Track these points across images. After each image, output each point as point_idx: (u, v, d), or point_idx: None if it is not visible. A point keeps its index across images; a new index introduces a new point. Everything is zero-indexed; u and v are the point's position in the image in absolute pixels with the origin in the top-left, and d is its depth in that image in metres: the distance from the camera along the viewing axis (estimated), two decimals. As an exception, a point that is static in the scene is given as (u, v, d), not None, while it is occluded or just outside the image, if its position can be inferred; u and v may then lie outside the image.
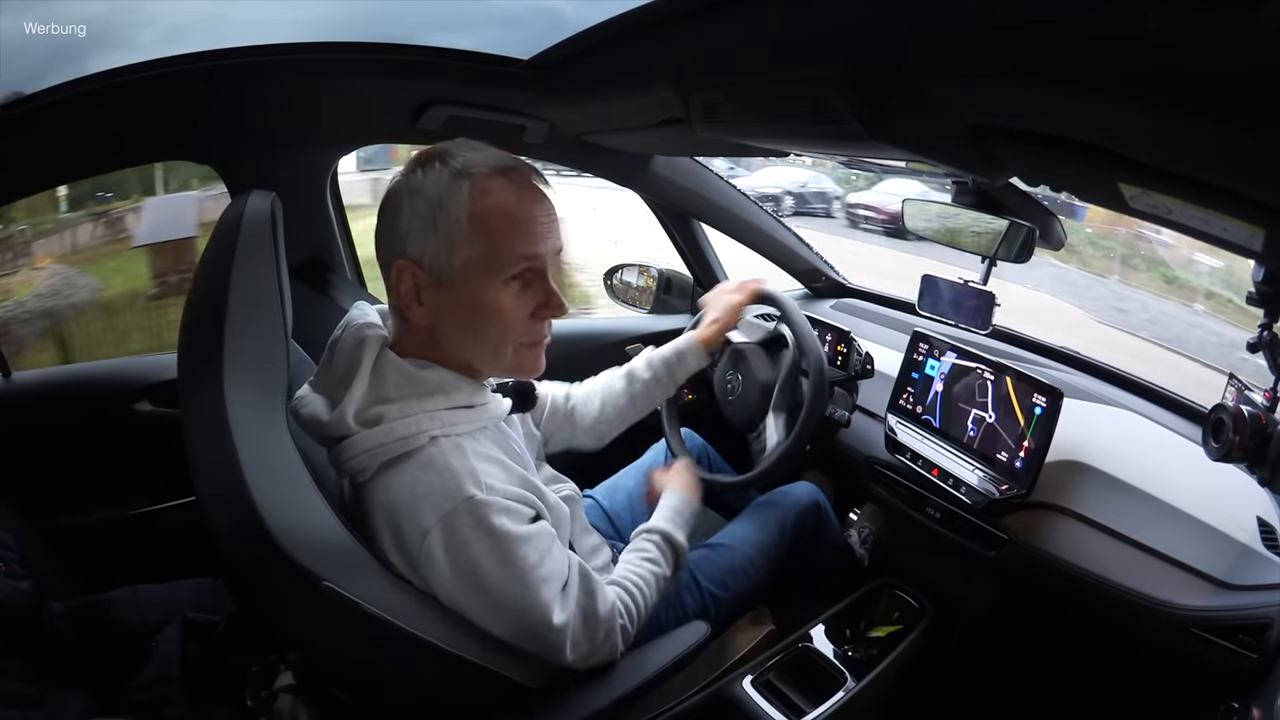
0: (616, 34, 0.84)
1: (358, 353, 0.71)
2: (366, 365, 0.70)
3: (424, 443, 0.68)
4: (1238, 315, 7.59)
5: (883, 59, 0.57)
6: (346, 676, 0.79)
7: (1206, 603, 0.87)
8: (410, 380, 0.70)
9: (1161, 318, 7.30)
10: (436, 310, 0.70)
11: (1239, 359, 1.72)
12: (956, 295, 1.17)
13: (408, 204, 0.68)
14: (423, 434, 0.68)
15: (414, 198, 0.68)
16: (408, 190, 0.69)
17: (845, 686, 1.05)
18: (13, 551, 1.03)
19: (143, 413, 1.26)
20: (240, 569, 0.68)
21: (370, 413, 0.69)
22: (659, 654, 0.84)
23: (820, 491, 1.25)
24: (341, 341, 0.74)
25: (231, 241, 0.69)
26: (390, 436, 0.68)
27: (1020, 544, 1.04)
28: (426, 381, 0.71)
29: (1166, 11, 0.34)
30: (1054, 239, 1.05)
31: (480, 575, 0.68)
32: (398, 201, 0.69)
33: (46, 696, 0.93)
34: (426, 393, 0.70)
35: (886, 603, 1.24)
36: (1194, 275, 7.62)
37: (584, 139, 1.26)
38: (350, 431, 0.68)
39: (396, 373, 0.71)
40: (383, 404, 0.69)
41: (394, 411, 0.68)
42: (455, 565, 0.67)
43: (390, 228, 0.70)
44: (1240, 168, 0.42)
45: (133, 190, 3.18)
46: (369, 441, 0.68)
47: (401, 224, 0.69)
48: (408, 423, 0.68)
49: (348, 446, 0.69)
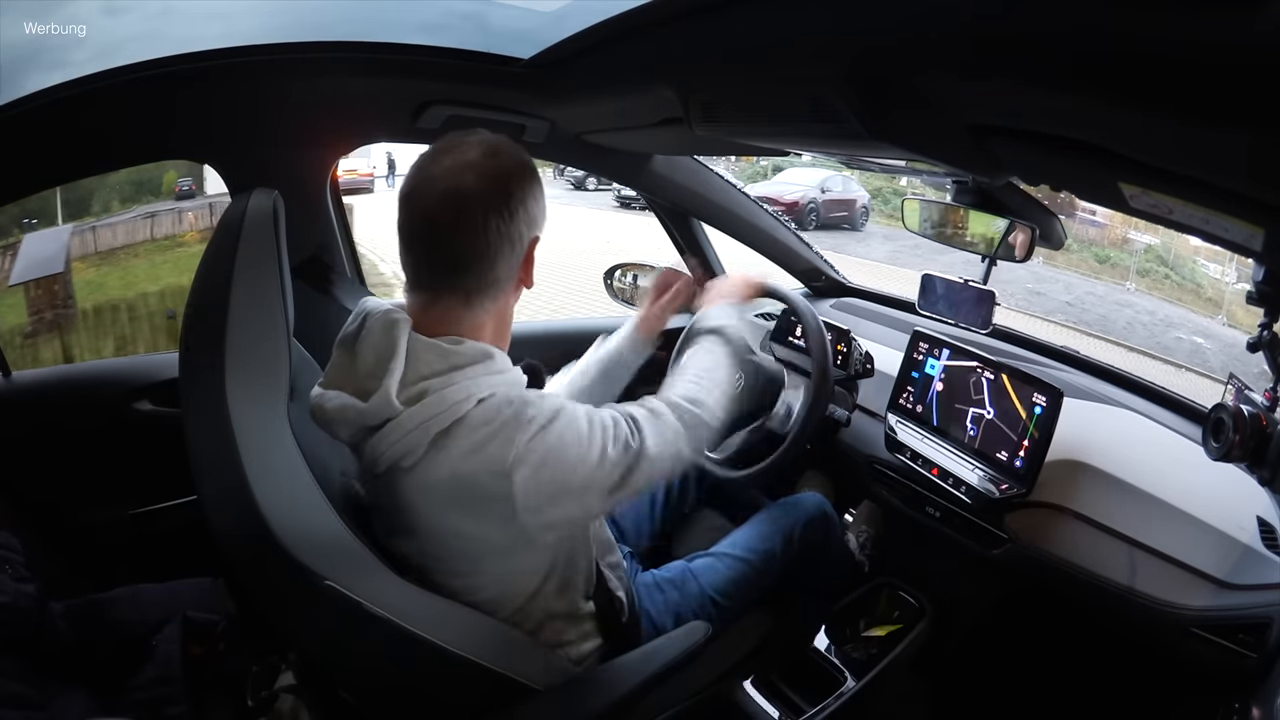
0: (616, 34, 0.84)
1: (390, 336, 0.71)
2: (402, 346, 0.70)
3: (473, 406, 0.69)
4: (1174, 291, 7.51)
5: (882, 58, 0.57)
6: (348, 676, 0.79)
7: (1207, 602, 0.87)
8: (444, 356, 0.71)
9: (1086, 299, 7.17)
10: (526, 272, 0.77)
11: (1173, 339, 1.69)
12: (956, 294, 1.17)
13: (538, 190, 0.75)
14: (471, 398, 0.69)
15: (536, 186, 0.74)
16: (532, 180, 0.74)
17: (845, 686, 1.05)
18: (18, 554, 1.03)
19: (143, 412, 1.26)
20: (241, 568, 0.68)
21: (413, 390, 0.69)
22: (659, 654, 0.84)
23: (828, 502, 1.24)
24: (368, 331, 0.73)
25: (233, 241, 0.69)
26: (442, 405, 0.68)
27: (1020, 543, 1.04)
28: (461, 354, 0.71)
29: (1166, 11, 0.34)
30: (1054, 238, 1.05)
31: (571, 471, 0.71)
32: (533, 188, 0.74)
33: (48, 698, 0.93)
34: (463, 364, 0.71)
35: (886, 602, 1.24)
36: (1128, 254, 7.54)
37: (584, 138, 1.26)
38: (395, 412, 0.68)
39: (429, 351, 0.71)
40: (422, 381, 0.69)
41: (438, 384, 0.69)
42: (551, 478, 0.69)
43: (534, 207, 0.74)
44: (1240, 168, 0.42)
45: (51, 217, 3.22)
46: (420, 416, 0.68)
47: (541, 205, 0.75)
48: (455, 390, 0.69)
49: (394, 428, 0.68)
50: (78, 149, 1.07)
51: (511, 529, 0.71)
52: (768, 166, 11.17)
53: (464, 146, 0.72)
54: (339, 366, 0.74)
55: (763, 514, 1.19)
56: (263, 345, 0.69)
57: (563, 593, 0.84)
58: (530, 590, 0.80)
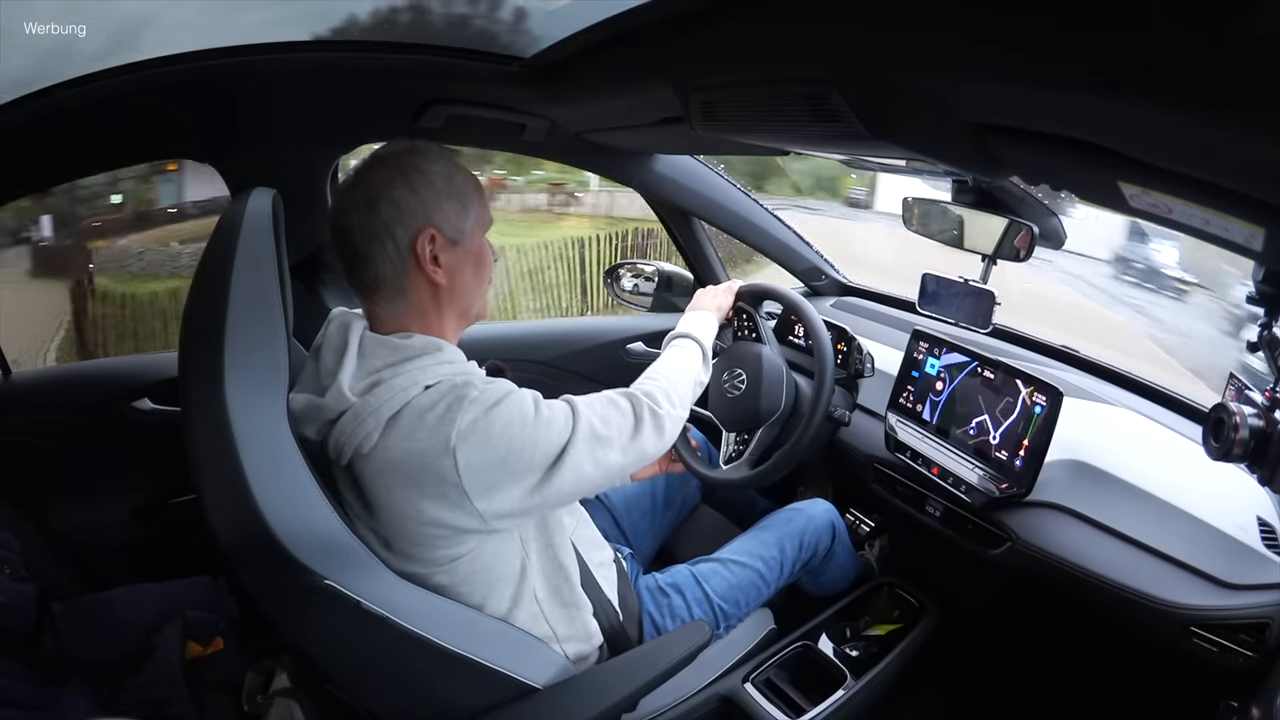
0: (617, 33, 0.84)
1: (343, 335, 0.77)
2: (354, 344, 0.75)
3: (420, 391, 0.73)
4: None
5: (882, 58, 0.57)
6: (347, 676, 0.79)
7: (1206, 602, 0.87)
8: (394, 350, 0.75)
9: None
10: (452, 267, 0.78)
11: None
12: (956, 294, 1.17)
13: (421, 180, 0.76)
14: (418, 384, 0.73)
15: (428, 174, 0.76)
16: (414, 170, 0.76)
17: (845, 685, 1.05)
18: (16, 554, 1.03)
19: (143, 411, 1.26)
20: (241, 568, 0.68)
21: (366, 381, 0.73)
22: (660, 654, 0.84)
23: (834, 510, 1.25)
24: (328, 335, 0.79)
25: (232, 240, 0.69)
26: (392, 392, 0.72)
27: (1020, 543, 1.04)
28: (410, 348, 0.75)
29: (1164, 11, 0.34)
30: (1054, 238, 1.05)
31: (508, 448, 0.72)
32: (407, 181, 0.75)
33: (48, 699, 0.94)
34: (413, 356, 0.74)
35: (887, 601, 1.24)
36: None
37: (584, 137, 1.26)
38: (349, 404, 0.71)
39: (380, 346, 0.75)
40: (374, 374, 0.73)
41: (388, 374, 0.73)
42: (486, 452, 0.71)
43: (405, 203, 0.75)
44: (1240, 168, 0.42)
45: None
46: (372, 404, 0.71)
47: (422, 198, 0.75)
48: (404, 378, 0.72)
49: (350, 418, 0.71)
50: (77, 149, 1.07)
51: (467, 513, 0.72)
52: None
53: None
54: (308, 373, 0.79)
55: (769, 520, 1.19)
56: (262, 345, 0.69)
57: (553, 591, 0.84)
58: (513, 585, 0.81)
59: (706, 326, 1.07)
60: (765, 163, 3.76)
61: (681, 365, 0.97)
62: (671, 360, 0.97)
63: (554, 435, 0.75)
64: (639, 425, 0.82)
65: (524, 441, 0.73)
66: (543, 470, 0.74)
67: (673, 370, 0.94)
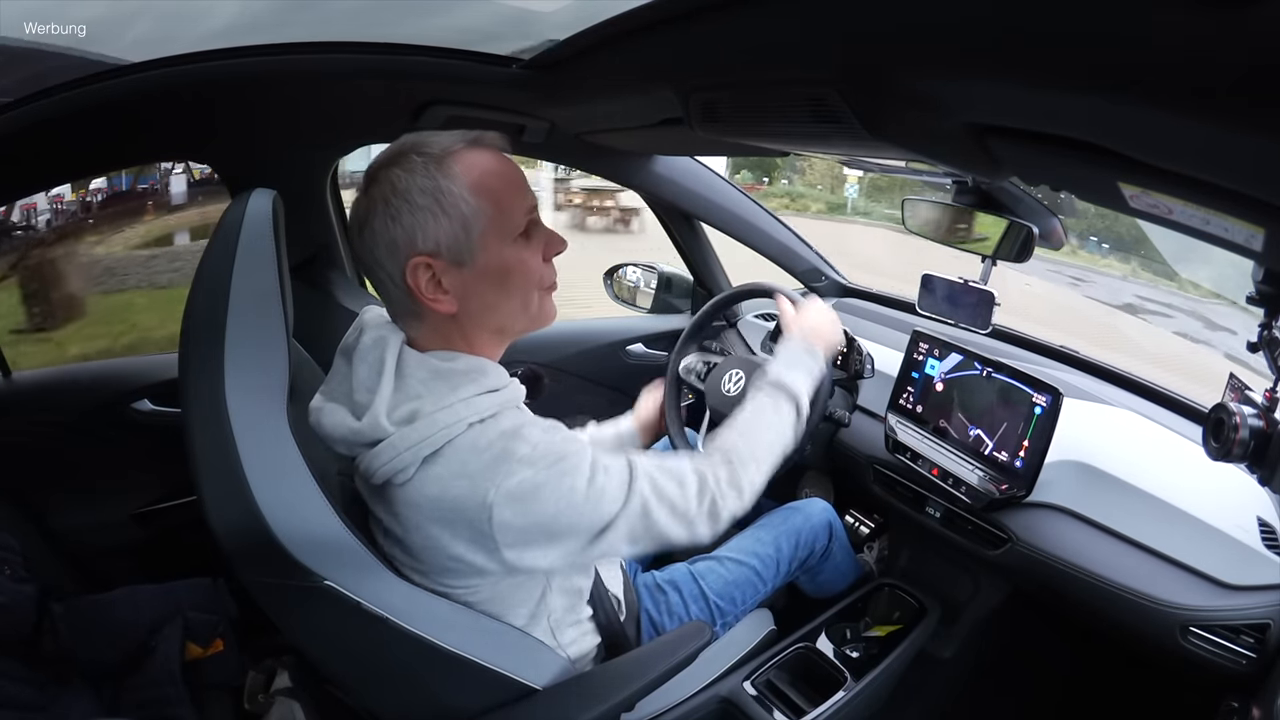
0: (616, 34, 0.84)
1: (378, 353, 0.70)
2: (390, 365, 0.69)
3: (464, 430, 0.68)
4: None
5: (882, 58, 0.57)
6: (347, 676, 0.79)
7: (1207, 603, 0.87)
8: (436, 374, 0.70)
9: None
10: (463, 291, 0.70)
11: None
12: (956, 295, 1.17)
13: (401, 204, 0.67)
14: (462, 421, 0.68)
15: (407, 196, 0.67)
16: (393, 193, 0.67)
17: (845, 686, 1.05)
18: (17, 554, 1.03)
19: (143, 412, 1.26)
20: (241, 568, 0.68)
21: (403, 410, 0.68)
22: (659, 654, 0.84)
23: (832, 510, 1.25)
24: (360, 346, 0.72)
25: (233, 241, 0.69)
26: (433, 429, 0.67)
27: (1020, 544, 1.04)
28: (453, 372, 0.70)
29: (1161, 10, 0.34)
30: (1054, 238, 1.05)
31: (553, 516, 0.68)
32: (387, 207, 0.67)
33: (48, 700, 0.94)
34: (456, 383, 0.70)
35: (887, 602, 1.24)
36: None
37: (583, 138, 1.26)
38: (386, 433, 0.67)
39: (420, 368, 0.70)
40: (414, 400, 0.68)
41: (428, 405, 0.68)
42: (529, 517, 0.67)
43: (386, 233, 0.68)
44: (1240, 168, 0.42)
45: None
46: (410, 438, 0.66)
47: (402, 225, 0.67)
48: (447, 413, 0.67)
49: (386, 449, 0.67)
50: (77, 149, 1.07)
51: (496, 560, 0.70)
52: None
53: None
54: (339, 375, 0.74)
55: (767, 518, 1.19)
56: (262, 345, 0.69)
57: (568, 609, 0.84)
58: (530, 606, 0.79)
59: (808, 373, 0.95)
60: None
61: (770, 437, 0.86)
62: (761, 425, 0.87)
63: (604, 508, 0.70)
64: (695, 512, 0.76)
65: (570, 515, 0.69)
66: (583, 540, 0.71)
67: (760, 444, 0.85)
